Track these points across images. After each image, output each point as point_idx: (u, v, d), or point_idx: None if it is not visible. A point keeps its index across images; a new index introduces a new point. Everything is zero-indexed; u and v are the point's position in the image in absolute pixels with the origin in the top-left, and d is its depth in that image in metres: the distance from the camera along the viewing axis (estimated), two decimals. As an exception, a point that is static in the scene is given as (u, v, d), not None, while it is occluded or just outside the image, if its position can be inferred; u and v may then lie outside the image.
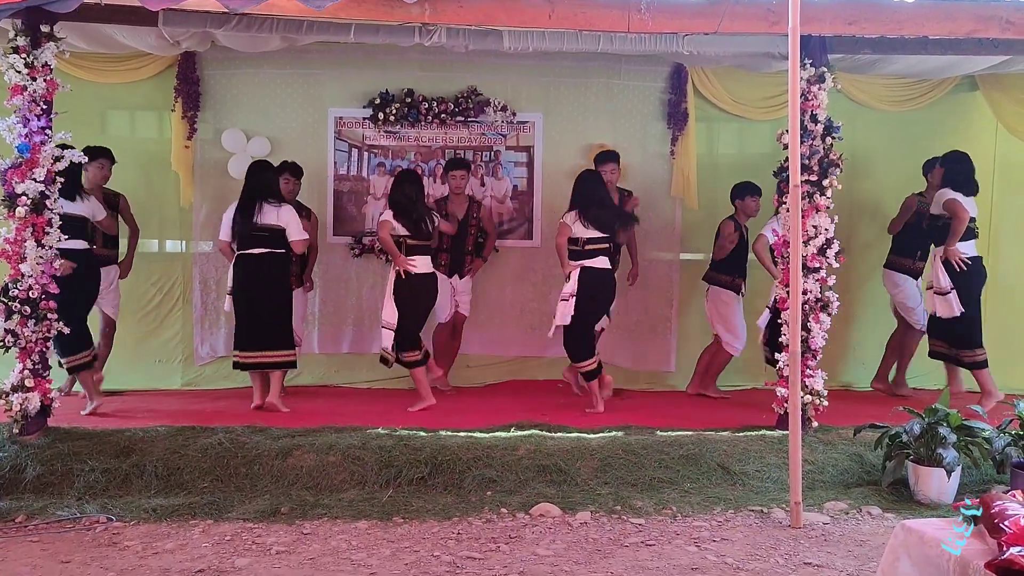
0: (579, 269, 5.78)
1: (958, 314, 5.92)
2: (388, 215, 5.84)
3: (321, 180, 6.84)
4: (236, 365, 5.87)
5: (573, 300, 5.77)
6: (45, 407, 4.89)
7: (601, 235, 5.83)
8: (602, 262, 5.84)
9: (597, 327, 6.21)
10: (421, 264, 5.89)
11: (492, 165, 6.95)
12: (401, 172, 6.19)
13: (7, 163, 4.73)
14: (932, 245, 6.21)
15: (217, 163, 6.63)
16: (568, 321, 5.80)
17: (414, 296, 5.89)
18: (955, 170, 6.01)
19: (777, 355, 5.21)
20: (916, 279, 6.47)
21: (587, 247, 5.81)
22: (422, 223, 5.88)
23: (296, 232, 5.79)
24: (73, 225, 5.32)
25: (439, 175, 6.80)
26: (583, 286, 5.78)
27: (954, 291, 5.91)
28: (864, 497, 4.58)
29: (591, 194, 5.85)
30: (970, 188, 5.99)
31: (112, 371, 6.31)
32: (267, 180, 5.87)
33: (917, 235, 6.37)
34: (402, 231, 5.83)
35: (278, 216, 5.75)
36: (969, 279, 5.96)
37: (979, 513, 2.63)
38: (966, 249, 5.97)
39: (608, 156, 6.35)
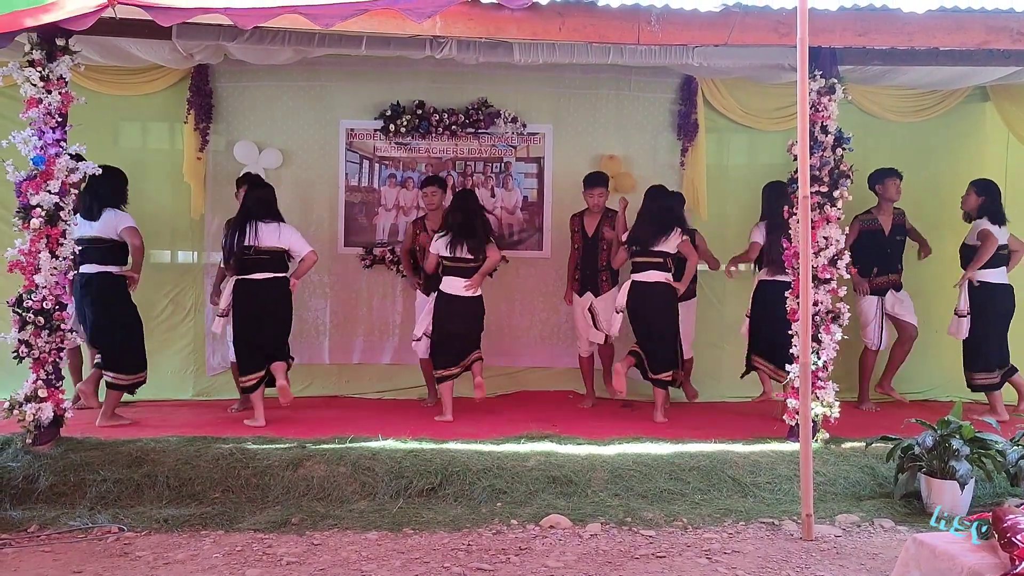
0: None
1: (964, 337, 6.18)
2: (440, 243, 5.90)
3: (332, 191, 6.88)
4: (244, 390, 5.82)
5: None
6: (58, 417, 4.92)
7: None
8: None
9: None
10: (457, 286, 5.94)
11: (502, 176, 6.97)
12: (461, 192, 6.22)
13: (22, 175, 4.78)
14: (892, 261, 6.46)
15: (229, 174, 6.65)
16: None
17: (451, 317, 5.97)
18: (992, 200, 6.24)
19: (789, 366, 5.19)
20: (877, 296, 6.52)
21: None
22: (477, 245, 5.92)
23: (302, 247, 5.70)
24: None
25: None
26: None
27: (968, 316, 6.14)
28: (876, 510, 4.55)
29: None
30: (1002, 218, 6.23)
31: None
32: (263, 197, 5.74)
33: (875, 254, 6.46)
34: (446, 253, 5.90)
35: (279, 237, 5.65)
36: (993, 303, 6.18)
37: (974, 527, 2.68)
38: (996, 276, 6.18)
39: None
